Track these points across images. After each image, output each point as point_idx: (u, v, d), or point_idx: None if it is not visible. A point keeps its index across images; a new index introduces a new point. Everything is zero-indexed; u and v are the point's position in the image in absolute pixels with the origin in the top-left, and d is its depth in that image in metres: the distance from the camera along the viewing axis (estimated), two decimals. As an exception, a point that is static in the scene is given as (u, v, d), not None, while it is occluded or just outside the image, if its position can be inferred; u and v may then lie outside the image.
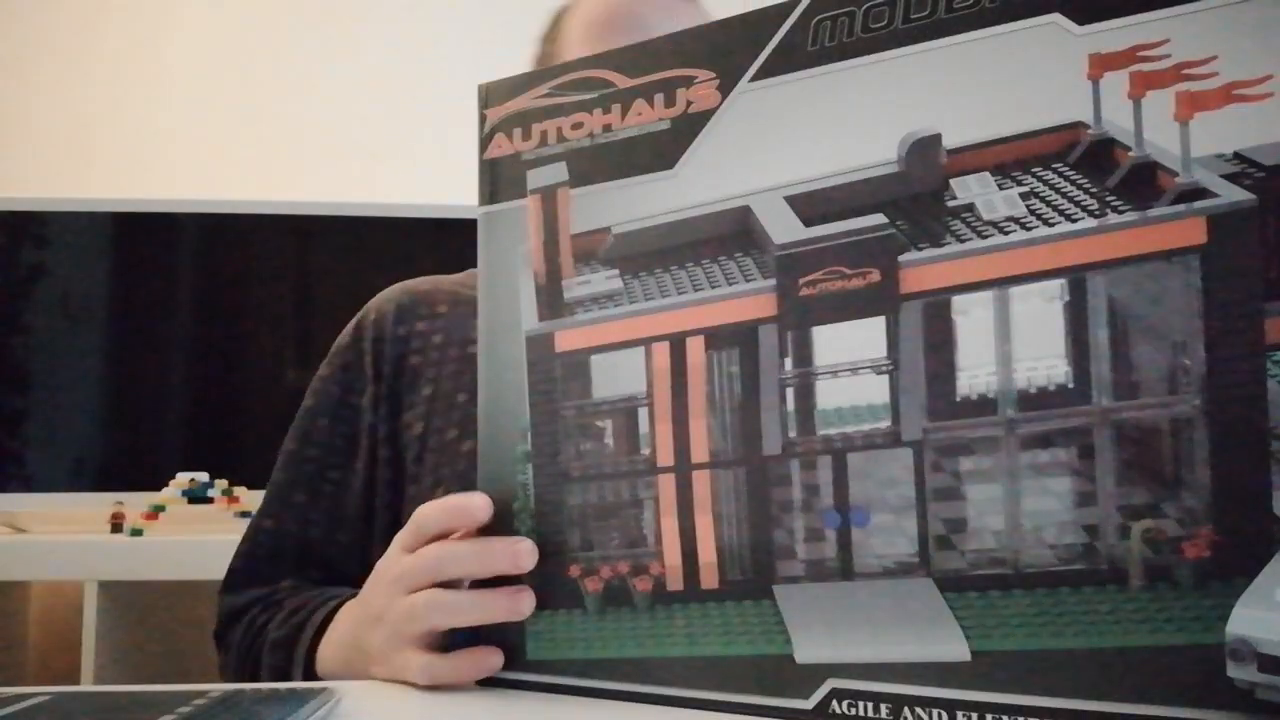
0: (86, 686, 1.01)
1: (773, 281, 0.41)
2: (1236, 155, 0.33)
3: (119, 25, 1.64)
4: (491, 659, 0.47)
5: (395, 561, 0.51)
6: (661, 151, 0.45)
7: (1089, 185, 0.36)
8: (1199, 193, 0.34)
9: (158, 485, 1.27)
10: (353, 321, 0.75)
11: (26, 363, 1.36)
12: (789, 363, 0.41)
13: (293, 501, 0.71)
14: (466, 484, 0.61)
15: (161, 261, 1.41)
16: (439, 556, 0.48)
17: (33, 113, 1.61)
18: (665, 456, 0.44)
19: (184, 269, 1.42)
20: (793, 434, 0.41)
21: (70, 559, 1.19)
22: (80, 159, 1.58)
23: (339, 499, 0.70)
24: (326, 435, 0.71)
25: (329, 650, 0.57)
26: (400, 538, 0.52)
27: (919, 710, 0.37)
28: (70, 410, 1.35)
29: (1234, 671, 0.31)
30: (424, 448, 0.69)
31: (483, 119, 0.51)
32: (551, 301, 0.47)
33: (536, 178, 0.48)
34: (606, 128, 0.47)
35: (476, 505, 0.48)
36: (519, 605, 0.46)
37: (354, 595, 0.58)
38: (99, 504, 1.30)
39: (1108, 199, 0.36)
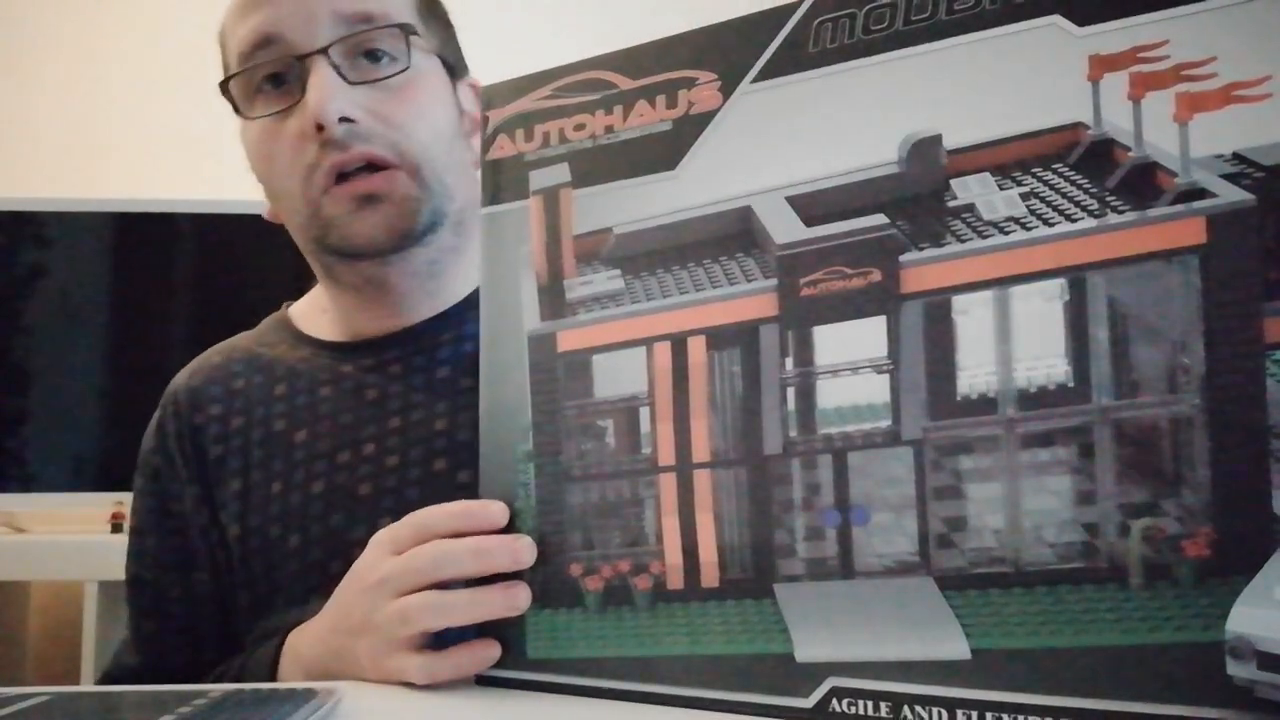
0: (86, 686, 1.00)
1: (774, 281, 0.41)
2: (1236, 155, 0.33)
3: (119, 25, 1.64)
4: (489, 651, 0.46)
5: (377, 565, 0.48)
6: (663, 152, 0.45)
7: (1089, 185, 0.36)
8: (1198, 193, 0.34)
9: (157, 485, 1.27)
10: (153, 420, 0.69)
11: (26, 363, 1.36)
12: (790, 362, 0.41)
13: (146, 632, 0.66)
14: (307, 586, 0.58)
15: (161, 261, 1.42)
16: (435, 557, 0.46)
17: (33, 113, 1.61)
18: (666, 456, 0.44)
19: (184, 269, 1.43)
20: (793, 433, 0.41)
21: (70, 559, 1.19)
22: (80, 159, 1.58)
23: (192, 619, 0.64)
24: (155, 554, 0.65)
25: (297, 675, 0.53)
26: (385, 541, 0.49)
27: (919, 709, 0.37)
28: (70, 410, 1.36)
29: (1233, 669, 0.32)
30: (246, 550, 0.62)
31: (485, 120, 0.51)
32: (553, 302, 0.48)
33: (539, 179, 0.49)
34: (609, 129, 0.47)
35: (495, 512, 0.46)
36: (515, 600, 0.45)
37: (295, 624, 0.54)
38: (99, 504, 1.30)
39: (1107, 199, 0.36)
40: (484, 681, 0.48)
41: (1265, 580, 0.32)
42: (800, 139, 0.42)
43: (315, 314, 0.70)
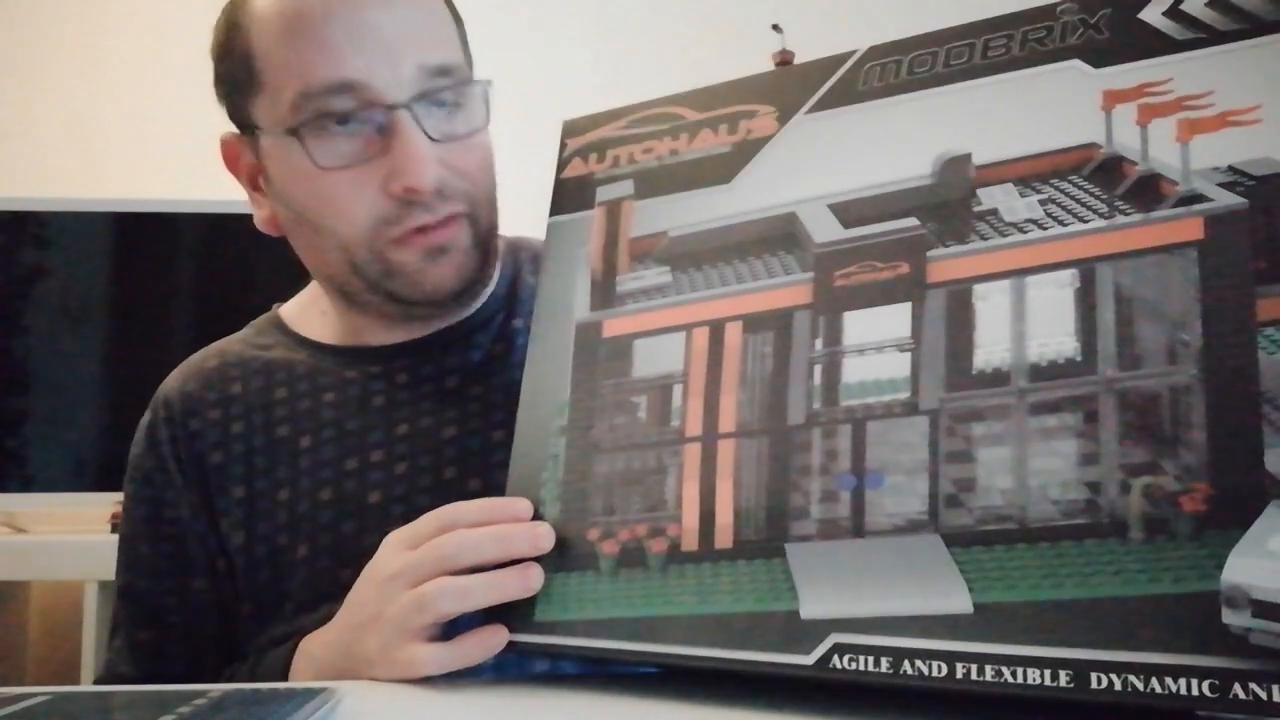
0: (86, 686, 1.01)
1: (810, 274, 0.45)
2: (1230, 168, 0.38)
3: (120, 25, 1.62)
4: (498, 637, 0.46)
5: (392, 559, 0.48)
6: (721, 169, 0.50)
7: (1100, 193, 0.41)
8: (1197, 198, 0.38)
9: (158, 484, 1.26)
10: (141, 424, 0.66)
11: (26, 363, 1.34)
12: (819, 343, 0.44)
13: (141, 642, 0.63)
14: (317, 593, 0.56)
15: (161, 261, 1.40)
16: (457, 544, 0.46)
17: (33, 113, 1.60)
18: (694, 427, 0.46)
19: (184, 269, 1.42)
20: (817, 405, 0.43)
21: (70, 559, 1.18)
22: (80, 159, 1.58)
23: (190, 628, 0.63)
24: (149, 562, 0.63)
25: (309, 677, 0.52)
26: (402, 538, 0.49)
27: (919, 663, 0.37)
28: (70, 410, 1.33)
29: (1229, 618, 0.33)
30: (252, 559, 0.61)
31: (563, 146, 0.56)
32: (604, 294, 0.51)
33: (605, 192, 0.53)
34: (674, 152, 0.52)
35: (520, 507, 0.46)
36: (530, 581, 0.45)
37: (308, 630, 0.53)
38: (99, 504, 1.29)
39: (1116, 204, 0.40)
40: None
41: (1259, 532, 0.33)
42: (845, 157, 0.47)
43: (312, 316, 0.68)
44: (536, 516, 0.48)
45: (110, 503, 1.30)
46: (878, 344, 0.43)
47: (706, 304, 0.47)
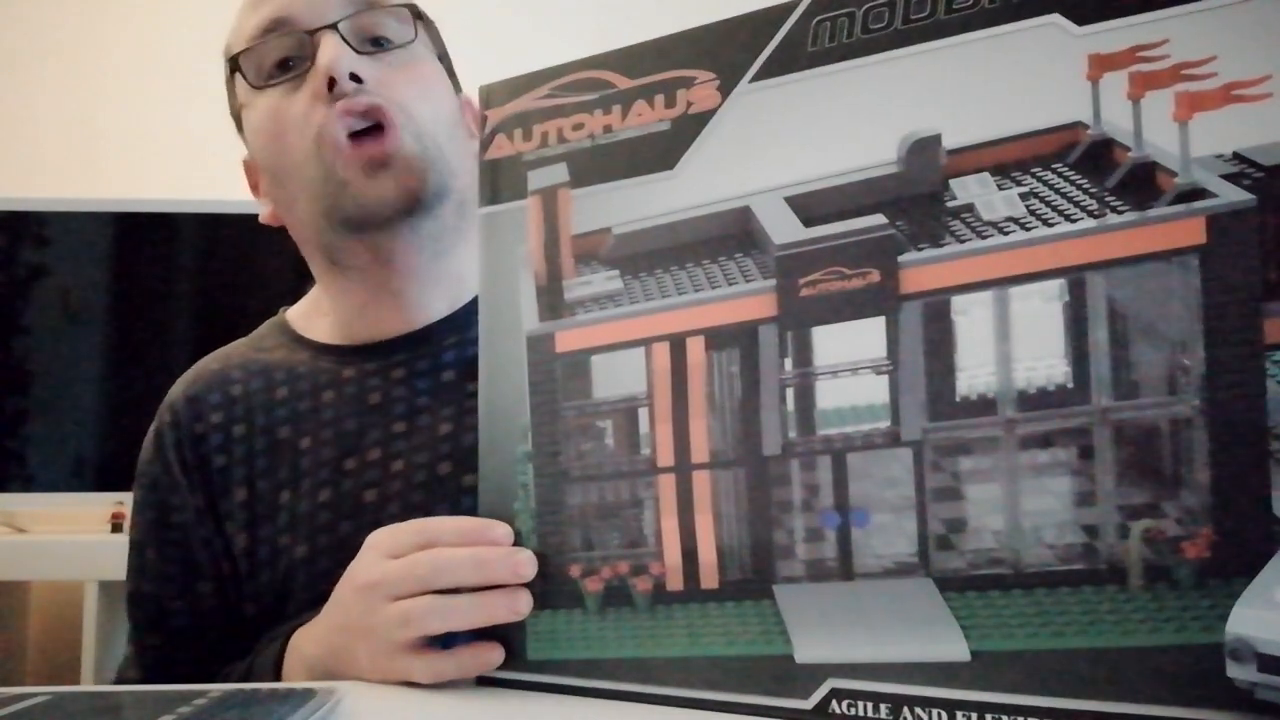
0: (86, 686, 1.00)
1: (773, 282, 0.41)
2: (1235, 155, 0.33)
3: (119, 25, 1.64)
4: (493, 654, 0.46)
5: (372, 567, 0.48)
6: (662, 152, 0.45)
7: (1088, 185, 0.36)
8: (1198, 193, 0.34)
9: (158, 485, 1.27)
10: (150, 432, 0.68)
11: (26, 363, 1.36)
12: (789, 363, 0.41)
13: (149, 646, 0.65)
14: (316, 595, 0.56)
15: (161, 261, 1.42)
16: (435, 565, 0.46)
17: (33, 113, 1.61)
18: (665, 457, 0.44)
19: (184, 269, 1.43)
20: (792, 434, 0.41)
21: (70, 559, 1.20)
22: (80, 159, 1.58)
23: (197, 632, 0.64)
24: (156, 567, 0.64)
25: (300, 673, 0.53)
26: (382, 544, 0.49)
27: (918, 710, 0.37)
28: (70, 410, 1.36)
29: (1233, 671, 0.32)
30: (255, 561, 0.61)
31: (483, 120, 0.51)
32: (552, 302, 0.47)
33: (537, 178, 0.49)
34: (607, 129, 0.47)
35: (499, 534, 0.46)
36: (517, 605, 0.45)
37: (299, 625, 0.54)
38: (99, 504, 1.30)
39: (1107, 199, 0.36)
40: (485, 683, 0.48)
41: (1265, 582, 0.31)
42: (799, 138, 0.42)
43: (314, 317, 0.69)
44: (517, 543, 0.47)
45: (110, 503, 1.31)
46: (852, 365, 0.40)
47: (664, 315, 0.44)
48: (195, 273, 1.42)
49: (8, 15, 1.63)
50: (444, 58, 0.69)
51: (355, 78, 0.60)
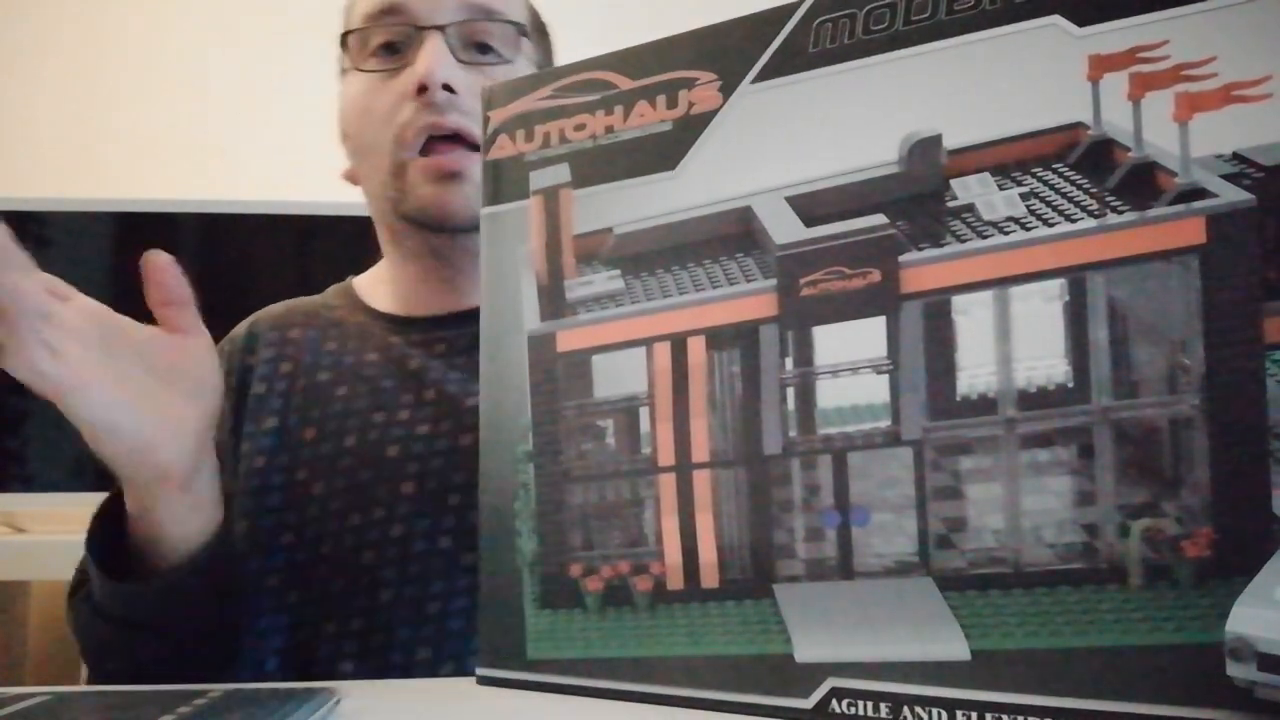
0: (86, 686, 1.00)
1: (773, 281, 0.41)
2: (1236, 155, 0.33)
3: (119, 25, 1.64)
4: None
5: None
6: (663, 152, 0.45)
7: (1088, 185, 0.36)
8: (1198, 193, 0.34)
9: (157, 485, 1.26)
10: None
11: (26, 363, 1.36)
12: (789, 362, 0.41)
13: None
14: (322, 532, 0.61)
15: (161, 261, 1.41)
16: None
17: (33, 113, 1.61)
18: (666, 456, 0.44)
19: (184, 269, 1.42)
20: (793, 433, 0.41)
21: (70, 559, 1.19)
22: (80, 159, 1.58)
23: None
24: None
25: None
26: None
27: (919, 709, 0.37)
28: (70, 410, 1.35)
29: (1233, 671, 0.32)
30: (266, 483, 0.65)
31: (486, 121, 0.52)
32: (553, 302, 0.48)
33: (539, 179, 0.49)
34: (609, 129, 0.47)
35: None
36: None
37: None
38: (99, 504, 1.30)
39: (1107, 199, 0.36)
40: (485, 681, 0.48)
41: (1265, 581, 0.31)
42: (800, 139, 0.42)
43: (377, 284, 0.74)
44: (512, 548, 0.47)
45: (110, 503, 1.30)
46: (853, 365, 0.40)
47: (665, 315, 0.44)
48: (195, 273, 1.42)
49: (8, 15, 1.63)
50: (547, 66, 0.72)
51: (448, 88, 0.62)
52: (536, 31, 0.70)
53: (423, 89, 0.61)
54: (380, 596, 0.62)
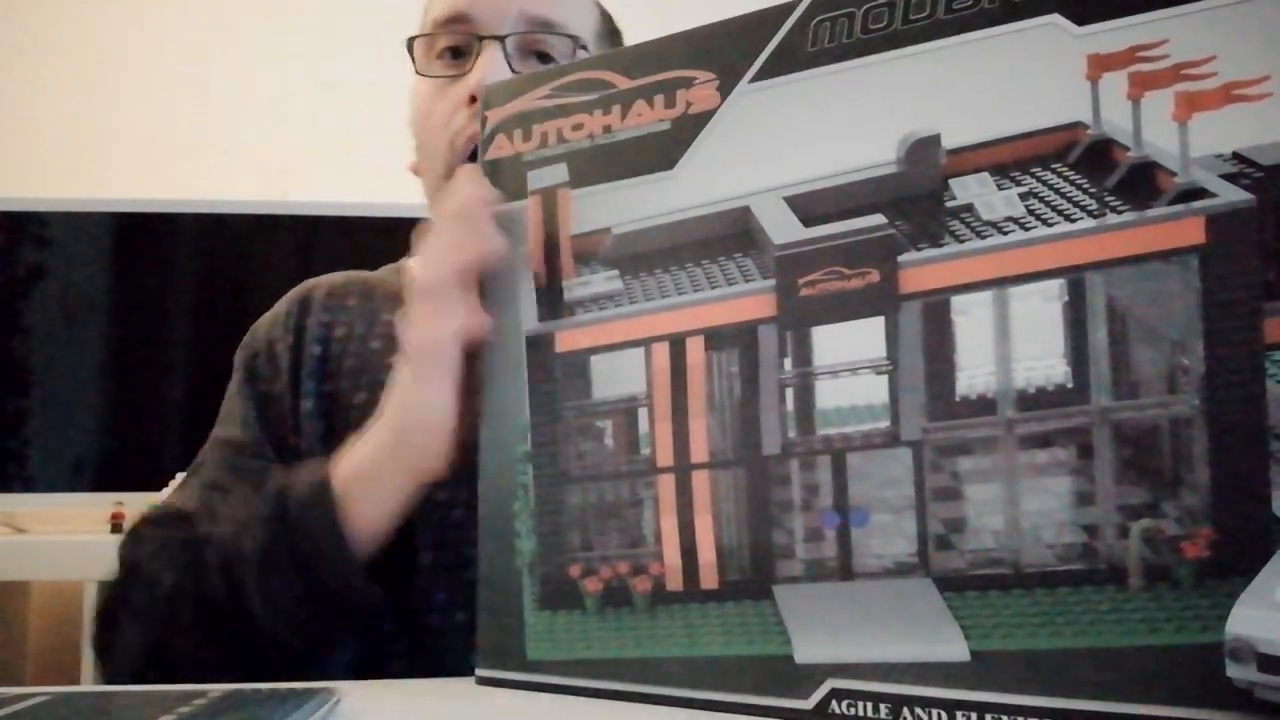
0: (86, 686, 1.01)
1: (772, 282, 0.41)
2: (1235, 155, 0.33)
3: (120, 25, 1.64)
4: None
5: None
6: (661, 152, 0.45)
7: (1088, 185, 0.36)
8: (1198, 193, 0.34)
9: (158, 485, 1.26)
10: (270, 313, 0.73)
11: (26, 363, 1.36)
12: (788, 363, 0.41)
13: (211, 483, 0.65)
14: None
15: (161, 261, 1.41)
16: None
17: (33, 113, 1.61)
18: (665, 457, 0.44)
19: (184, 269, 1.43)
20: (792, 434, 0.41)
21: (70, 559, 1.20)
22: (80, 159, 1.58)
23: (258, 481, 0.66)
24: (246, 419, 0.68)
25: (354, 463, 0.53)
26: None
27: (918, 710, 0.36)
28: (70, 410, 1.35)
29: (1233, 671, 0.31)
30: (328, 450, 0.64)
31: (484, 121, 0.51)
32: (552, 302, 0.47)
33: (537, 178, 0.49)
34: (607, 129, 0.47)
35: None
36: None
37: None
38: (99, 504, 1.30)
39: (1106, 199, 0.36)
40: (485, 682, 0.48)
41: (1265, 582, 0.31)
42: (798, 138, 0.42)
43: None
44: (512, 548, 0.47)
45: (110, 503, 1.31)
46: (852, 365, 0.39)
47: (663, 315, 0.44)
48: (195, 273, 1.42)
49: (8, 15, 1.63)
50: None
51: None
52: (605, 38, 0.72)
53: (473, 99, 0.64)
54: (421, 560, 0.63)
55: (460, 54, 0.67)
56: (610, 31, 0.73)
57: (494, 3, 0.65)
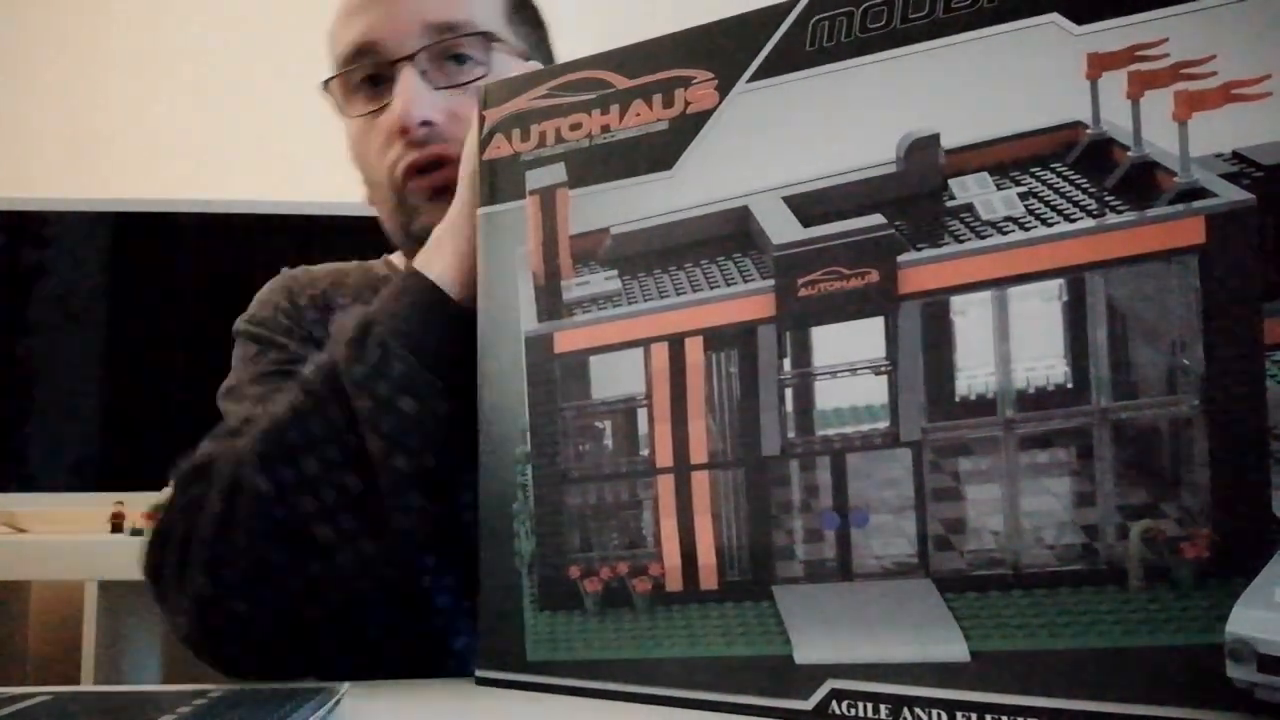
0: (86, 686, 1.01)
1: (771, 282, 0.41)
2: (1235, 155, 0.33)
3: (119, 25, 1.64)
4: None
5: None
6: (660, 152, 0.45)
7: (1087, 185, 0.36)
8: (1198, 192, 0.34)
9: (158, 485, 1.26)
10: (264, 291, 0.73)
11: (26, 363, 1.36)
12: (788, 363, 0.41)
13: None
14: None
15: (161, 261, 1.41)
16: None
17: (33, 113, 1.61)
18: (664, 457, 0.44)
19: (184, 269, 1.42)
20: (792, 434, 0.41)
21: (70, 559, 1.19)
22: (80, 159, 1.58)
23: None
24: (257, 376, 0.66)
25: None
26: None
27: (918, 710, 0.36)
28: (70, 410, 1.35)
29: (1233, 672, 0.31)
30: None
31: (481, 120, 0.51)
32: (551, 302, 0.47)
33: (535, 178, 0.49)
34: (605, 128, 0.47)
35: None
36: None
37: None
38: (99, 504, 1.30)
39: (1106, 199, 0.36)
40: (485, 683, 0.48)
41: (1265, 582, 0.31)
42: (797, 138, 0.41)
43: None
44: (511, 549, 0.47)
45: (110, 503, 1.30)
46: (851, 366, 0.39)
47: (663, 316, 0.44)
48: (195, 273, 1.42)
49: (7, 15, 1.63)
50: (539, 46, 0.71)
51: (427, 122, 0.63)
52: (517, 14, 0.70)
53: (404, 130, 0.63)
54: (396, 523, 0.62)
55: (377, 81, 0.66)
56: (521, 5, 0.71)
57: (394, 23, 0.64)
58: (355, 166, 0.71)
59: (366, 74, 0.66)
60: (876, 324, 0.39)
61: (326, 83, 0.68)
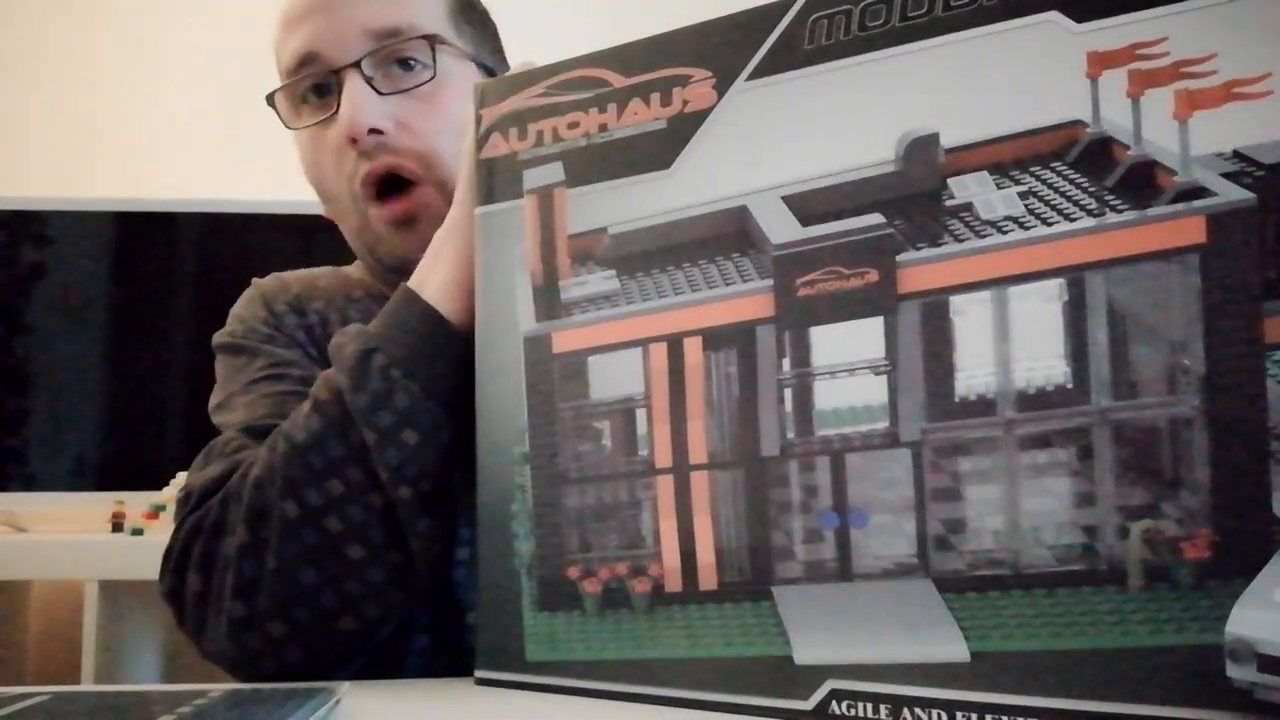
0: (86, 686, 1.00)
1: (770, 282, 0.41)
2: (1236, 154, 0.33)
3: (119, 25, 1.64)
4: None
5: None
6: (658, 151, 0.45)
7: (1087, 184, 0.36)
8: (1198, 191, 0.33)
9: (158, 485, 1.27)
10: (241, 303, 0.71)
11: (26, 363, 1.36)
12: (787, 363, 0.41)
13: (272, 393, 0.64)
14: None
15: (161, 261, 1.41)
16: None
17: (33, 113, 1.61)
18: (663, 458, 0.44)
19: (184, 269, 1.42)
20: (791, 435, 0.40)
21: (70, 559, 1.19)
22: (80, 159, 1.58)
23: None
24: (260, 385, 0.65)
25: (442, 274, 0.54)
26: None
27: (918, 711, 0.36)
28: (70, 410, 1.35)
29: (1233, 672, 0.31)
30: None
31: (478, 119, 0.51)
32: (549, 302, 0.47)
33: (533, 178, 0.48)
34: (603, 127, 0.47)
35: None
36: None
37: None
38: (99, 504, 1.30)
39: (1106, 198, 0.35)
40: (484, 683, 0.48)
41: (1265, 582, 0.31)
42: (796, 137, 0.41)
43: None
44: (510, 550, 0.47)
45: (110, 502, 1.30)
46: (850, 366, 0.39)
47: (661, 316, 0.44)
48: (195, 273, 1.42)
49: (7, 15, 1.63)
50: (485, 46, 0.70)
51: (376, 130, 0.62)
52: (461, 14, 0.68)
53: (354, 141, 0.62)
54: (411, 545, 0.62)
55: (323, 91, 0.64)
56: (466, 6, 0.70)
57: (336, 31, 0.63)
58: (308, 181, 0.69)
59: (312, 84, 0.64)
60: (876, 324, 0.39)
61: (271, 96, 0.67)
